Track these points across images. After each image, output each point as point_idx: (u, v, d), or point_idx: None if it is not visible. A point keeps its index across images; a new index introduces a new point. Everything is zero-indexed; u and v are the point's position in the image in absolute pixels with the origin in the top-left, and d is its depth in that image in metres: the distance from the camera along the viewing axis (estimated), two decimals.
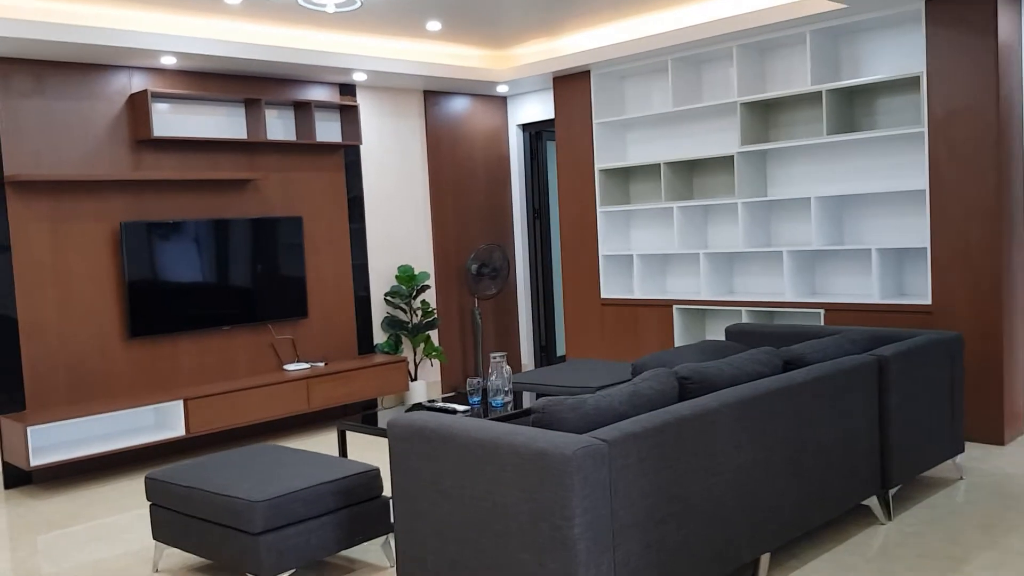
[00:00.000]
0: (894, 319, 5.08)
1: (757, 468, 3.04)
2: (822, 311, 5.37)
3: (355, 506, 3.39)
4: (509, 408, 4.26)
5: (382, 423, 4.16)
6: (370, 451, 5.40)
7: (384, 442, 5.61)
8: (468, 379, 4.45)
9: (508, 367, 4.41)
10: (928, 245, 4.96)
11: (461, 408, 4.22)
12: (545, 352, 7.62)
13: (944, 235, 4.90)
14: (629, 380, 4.92)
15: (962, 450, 4.17)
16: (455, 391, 7.16)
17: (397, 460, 2.96)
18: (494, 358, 4.39)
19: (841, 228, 5.54)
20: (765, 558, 3.11)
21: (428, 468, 2.84)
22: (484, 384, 4.51)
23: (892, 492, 3.72)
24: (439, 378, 7.09)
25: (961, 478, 4.21)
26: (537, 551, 2.51)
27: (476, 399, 4.38)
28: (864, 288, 5.47)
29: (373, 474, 3.46)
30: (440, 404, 4.28)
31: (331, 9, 4.16)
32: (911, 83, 5.16)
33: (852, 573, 3.21)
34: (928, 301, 4.98)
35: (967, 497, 3.94)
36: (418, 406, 4.44)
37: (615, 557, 2.54)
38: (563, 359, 7.72)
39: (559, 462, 2.43)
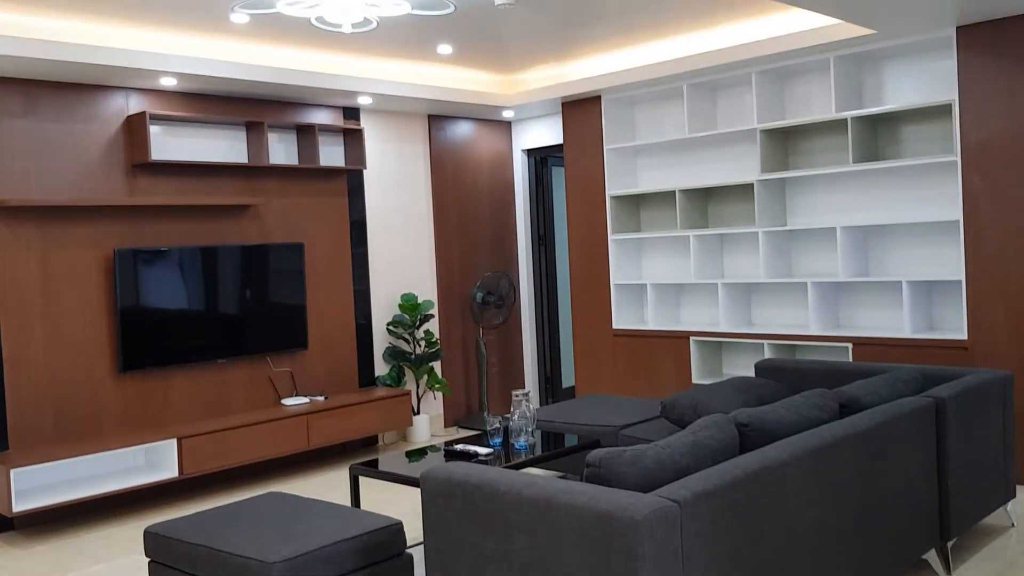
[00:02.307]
0: (928, 355, 4.87)
1: (826, 525, 2.79)
2: (850, 345, 5.15)
3: (377, 564, 3.11)
4: (536, 450, 4.00)
5: (384, 465, 3.90)
6: (379, 493, 5.10)
7: (396, 485, 5.31)
8: (487, 416, 4.19)
9: (531, 405, 4.15)
10: (963, 278, 4.76)
11: (483, 451, 3.96)
12: (551, 384, 7.36)
13: (981, 268, 4.71)
14: (656, 418, 4.68)
15: (1014, 495, 3.95)
16: (458, 425, 6.88)
17: (432, 518, 2.69)
18: (516, 395, 4.14)
19: (867, 259, 5.34)
20: None
21: (468, 528, 2.57)
22: (506, 423, 4.24)
23: (950, 544, 3.48)
24: (441, 411, 6.81)
25: (1013, 525, 3.98)
26: None
27: (497, 440, 4.11)
28: (893, 322, 5.26)
29: (396, 528, 3.18)
30: (460, 447, 4.01)
31: (348, 30, 3.92)
32: (938, 111, 4.99)
33: None
34: (963, 336, 4.78)
35: None
36: (434, 448, 4.17)
37: None
38: (570, 391, 7.46)
39: (628, 527, 2.18)
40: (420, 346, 6.57)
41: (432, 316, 6.48)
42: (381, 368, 6.45)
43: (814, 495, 2.74)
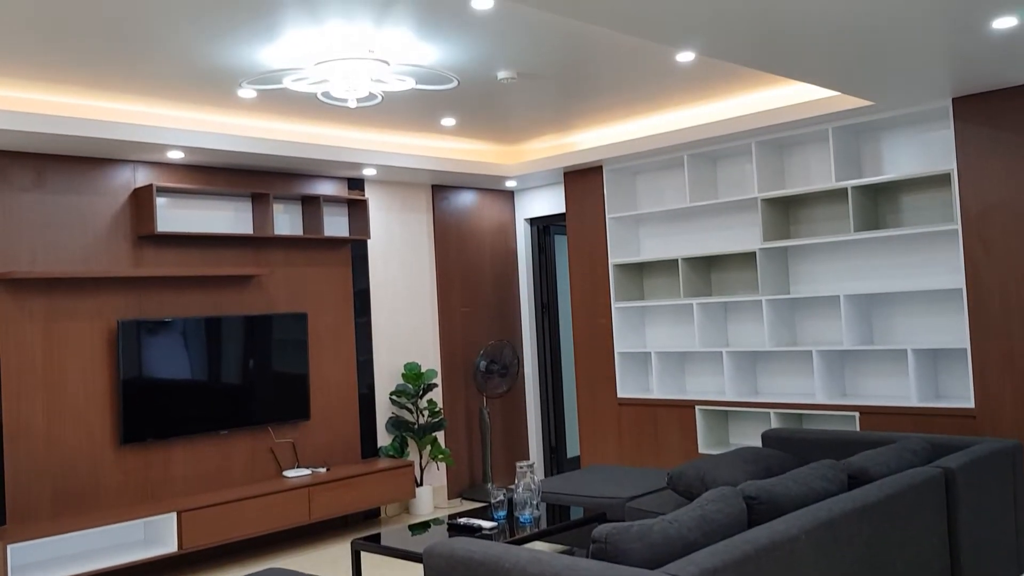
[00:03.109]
0: (936, 424, 4.83)
1: None
2: (857, 414, 5.11)
3: None
4: (541, 524, 3.94)
5: (386, 540, 3.84)
6: (381, 568, 5.01)
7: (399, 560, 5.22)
8: (491, 488, 4.14)
9: (536, 477, 4.11)
10: (968, 346, 4.75)
11: (487, 525, 3.90)
12: (555, 454, 7.28)
13: (985, 335, 4.69)
14: (663, 489, 4.62)
15: None
16: (462, 496, 6.79)
17: None
18: (520, 467, 4.09)
19: (871, 327, 5.33)
20: None
21: None
22: (511, 495, 4.19)
23: None
24: (445, 482, 6.72)
25: None
26: None
27: (502, 513, 4.06)
28: (899, 390, 5.23)
29: None
30: (464, 521, 3.95)
31: (353, 104, 3.99)
32: (937, 180, 5.04)
33: None
34: (970, 404, 4.74)
35: None
36: (437, 521, 4.11)
37: None
38: (575, 461, 7.38)
39: None
40: (423, 416, 6.52)
41: (435, 385, 6.45)
42: (384, 438, 6.40)
43: (824, 569, 2.68)
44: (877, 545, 2.95)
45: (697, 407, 5.81)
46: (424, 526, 4.07)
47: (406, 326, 6.60)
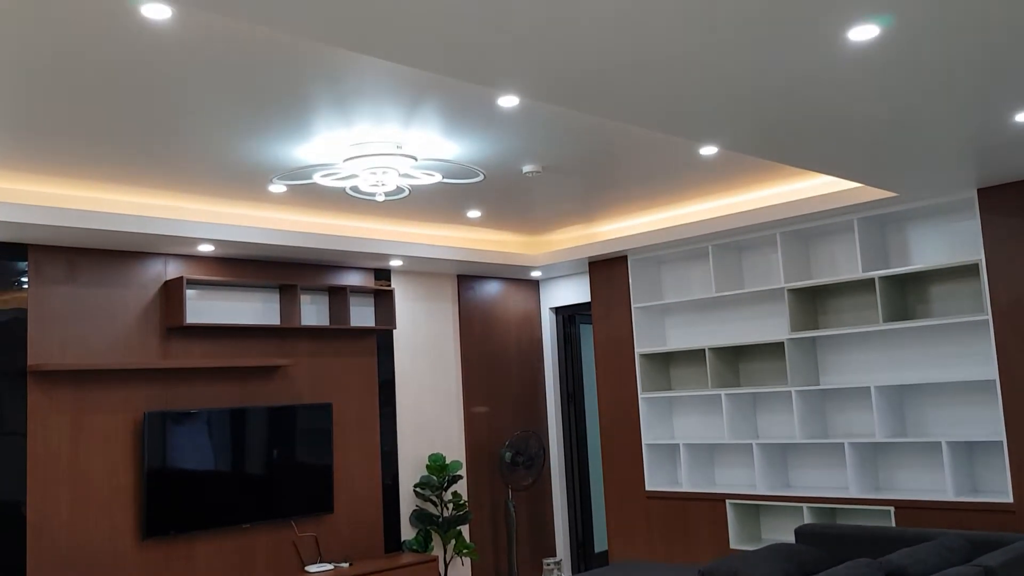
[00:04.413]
0: (974, 519, 4.68)
1: None
2: (892, 508, 4.98)
3: None
4: None
5: None
6: None
7: None
8: None
9: (563, 574, 4.01)
10: (1004, 438, 4.64)
11: None
12: (583, 549, 7.12)
13: (1022, 428, 4.59)
14: None
15: None
16: None
17: None
18: (547, 564, 4.00)
19: (903, 419, 5.23)
20: None
21: None
22: None
23: None
24: None
25: None
26: None
27: None
28: (934, 483, 5.10)
29: None
30: None
31: (381, 199, 4.07)
32: (966, 270, 5.00)
33: None
34: (1009, 499, 4.61)
35: None
36: None
37: None
38: (603, 556, 7.21)
39: None
40: (448, 508, 6.42)
41: (460, 477, 6.37)
42: (407, 531, 6.30)
43: None
44: None
45: (728, 501, 5.68)
46: None
47: (431, 416, 6.57)
